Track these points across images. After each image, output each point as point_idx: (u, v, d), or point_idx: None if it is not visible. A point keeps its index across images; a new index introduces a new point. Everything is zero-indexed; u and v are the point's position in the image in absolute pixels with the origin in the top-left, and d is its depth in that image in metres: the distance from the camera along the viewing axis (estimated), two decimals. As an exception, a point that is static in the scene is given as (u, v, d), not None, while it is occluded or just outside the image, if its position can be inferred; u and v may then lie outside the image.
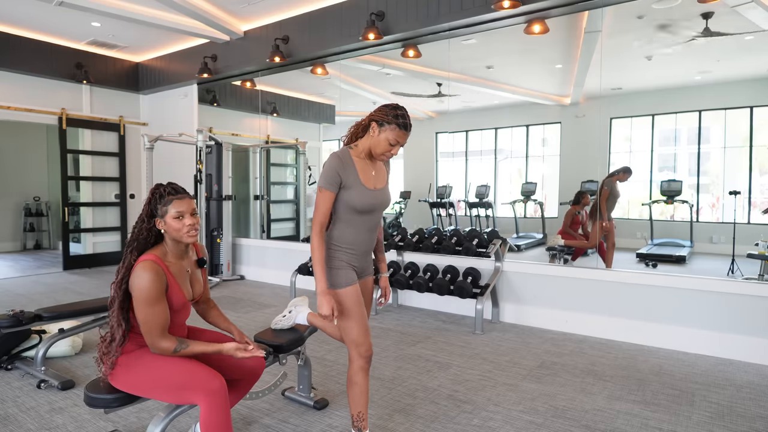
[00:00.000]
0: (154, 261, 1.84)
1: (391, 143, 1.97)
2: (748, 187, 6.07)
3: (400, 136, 1.97)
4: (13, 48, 6.36)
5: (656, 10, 4.50)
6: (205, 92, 7.14)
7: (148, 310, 1.79)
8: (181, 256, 1.97)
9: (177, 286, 1.91)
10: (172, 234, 1.90)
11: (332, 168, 1.97)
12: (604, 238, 4.92)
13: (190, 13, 5.34)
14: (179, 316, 1.97)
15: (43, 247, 9.59)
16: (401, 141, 1.98)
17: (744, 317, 3.43)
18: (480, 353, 3.57)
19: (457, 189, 7.34)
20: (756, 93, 5.98)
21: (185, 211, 1.89)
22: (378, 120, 1.98)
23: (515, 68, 6.45)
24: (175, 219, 1.88)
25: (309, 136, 7.47)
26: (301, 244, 6.06)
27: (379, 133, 1.98)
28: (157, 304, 1.81)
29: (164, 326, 1.83)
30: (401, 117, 1.96)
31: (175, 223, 1.88)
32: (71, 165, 7.35)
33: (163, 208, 1.88)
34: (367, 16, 4.83)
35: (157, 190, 1.91)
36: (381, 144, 1.98)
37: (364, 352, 2.05)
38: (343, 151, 2.03)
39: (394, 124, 1.95)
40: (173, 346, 1.83)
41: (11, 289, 5.82)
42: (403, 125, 1.97)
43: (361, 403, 2.07)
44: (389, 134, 1.96)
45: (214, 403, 1.78)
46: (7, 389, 2.93)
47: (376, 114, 2.00)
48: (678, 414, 2.61)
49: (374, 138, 1.99)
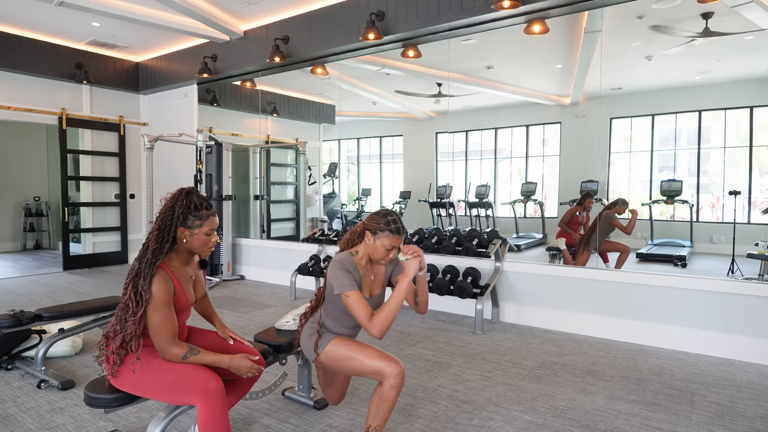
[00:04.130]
0: (163, 269, 1.85)
1: (387, 248, 2.05)
2: (748, 187, 6.07)
3: (394, 241, 2.04)
4: (13, 48, 6.36)
5: (656, 10, 4.50)
6: (205, 92, 7.14)
7: (159, 315, 1.80)
8: (187, 262, 1.98)
9: (182, 290, 1.92)
10: (194, 247, 1.91)
11: (345, 270, 2.03)
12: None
13: (190, 13, 5.34)
14: (181, 318, 1.98)
15: (43, 247, 9.59)
16: (396, 245, 2.05)
17: (744, 317, 3.43)
18: (480, 353, 3.57)
19: (457, 189, 7.34)
20: (756, 93, 5.97)
21: (214, 227, 1.92)
22: (371, 229, 2.07)
23: (515, 68, 6.45)
24: (206, 236, 1.90)
25: (309, 136, 7.47)
26: (301, 244, 6.06)
27: (375, 240, 2.06)
28: (167, 309, 1.82)
29: (174, 332, 1.84)
30: (392, 223, 2.05)
31: (203, 239, 1.90)
32: (71, 165, 7.34)
33: (195, 221, 1.88)
34: (367, 16, 4.84)
35: (190, 201, 1.88)
36: (378, 250, 2.07)
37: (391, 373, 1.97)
38: (347, 259, 2.10)
39: (387, 230, 2.04)
40: (183, 353, 1.83)
41: (11, 289, 5.82)
42: (396, 230, 2.04)
43: (385, 417, 2.04)
44: (384, 241, 2.04)
45: (211, 404, 1.78)
46: (7, 389, 2.93)
47: (368, 223, 2.09)
48: (678, 414, 2.61)
49: (371, 246, 2.08)
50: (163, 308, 1.80)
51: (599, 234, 4.84)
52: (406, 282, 1.95)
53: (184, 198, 1.89)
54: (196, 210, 1.88)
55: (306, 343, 2.21)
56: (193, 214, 1.87)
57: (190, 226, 1.87)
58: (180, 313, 1.95)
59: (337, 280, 2.01)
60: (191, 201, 1.88)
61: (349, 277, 2.01)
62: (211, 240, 1.92)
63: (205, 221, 1.89)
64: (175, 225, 1.86)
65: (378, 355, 2.02)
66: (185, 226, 1.87)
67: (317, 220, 7.51)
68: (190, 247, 1.91)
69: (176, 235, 1.88)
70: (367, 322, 1.94)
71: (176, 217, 1.86)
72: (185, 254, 1.95)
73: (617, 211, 5.07)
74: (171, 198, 1.91)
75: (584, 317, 4.04)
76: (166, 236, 1.86)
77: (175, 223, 1.86)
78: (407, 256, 1.95)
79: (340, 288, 1.99)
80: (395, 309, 1.94)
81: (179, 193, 1.91)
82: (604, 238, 4.92)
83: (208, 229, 1.90)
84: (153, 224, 1.91)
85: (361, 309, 1.96)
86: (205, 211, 1.90)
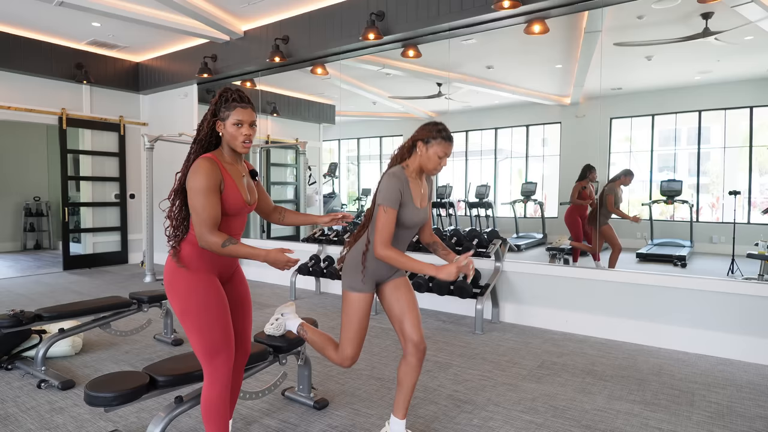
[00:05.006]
0: (211, 158, 1.87)
1: (440, 156, 2.09)
2: (748, 187, 6.07)
3: (447, 148, 2.09)
4: (13, 48, 6.36)
5: (656, 10, 4.50)
6: (205, 92, 7.14)
7: (201, 200, 1.80)
8: (235, 161, 1.98)
9: (235, 186, 1.91)
10: (228, 139, 1.92)
11: (395, 187, 2.05)
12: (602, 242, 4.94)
13: (190, 13, 5.34)
14: (236, 222, 1.97)
15: (43, 247, 9.59)
16: (448, 152, 2.10)
17: (744, 317, 3.43)
18: (480, 353, 3.57)
19: (457, 189, 7.34)
20: (756, 93, 5.97)
21: (245, 121, 1.90)
22: (423, 138, 2.09)
23: (515, 68, 6.45)
24: (234, 126, 1.90)
25: (309, 136, 7.47)
26: (301, 243, 6.06)
27: (427, 150, 2.08)
28: (211, 196, 1.81)
29: (215, 220, 1.83)
30: (444, 130, 2.09)
31: (233, 130, 1.90)
32: (71, 165, 7.35)
33: (225, 112, 1.89)
34: (367, 16, 4.84)
35: (224, 93, 1.91)
36: (432, 159, 2.09)
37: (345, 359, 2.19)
38: (400, 171, 2.11)
39: (440, 138, 2.07)
40: (221, 241, 1.81)
41: (11, 289, 5.82)
42: (447, 137, 2.09)
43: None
44: (437, 148, 2.07)
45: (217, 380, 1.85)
46: (7, 389, 2.94)
47: (419, 133, 2.11)
48: (678, 414, 2.61)
49: (423, 156, 2.10)
50: (207, 193, 1.80)
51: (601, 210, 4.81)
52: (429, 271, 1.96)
53: (222, 93, 1.92)
54: (226, 101, 1.90)
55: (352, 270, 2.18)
56: (224, 105, 1.90)
57: (222, 117, 1.90)
58: (233, 216, 1.94)
59: (387, 192, 2.03)
60: (224, 94, 1.91)
61: (396, 195, 2.03)
62: (240, 132, 1.90)
63: (232, 111, 1.89)
64: (210, 116, 1.91)
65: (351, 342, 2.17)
66: (219, 118, 1.91)
67: (317, 220, 7.50)
68: (227, 140, 1.93)
69: (214, 128, 1.92)
70: (381, 243, 2.00)
71: (212, 111, 1.91)
72: (231, 153, 1.96)
73: (622, 182, 5.00)
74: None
75: (584, 317, 4.04)
76: (203, 126, 1.91)
77: (209, 115, 1.91)
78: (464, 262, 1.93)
79: (385, 200, 2.02)
80: (405, 267, 2.01)
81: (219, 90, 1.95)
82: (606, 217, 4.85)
83: (235, 120, 1.89)
84: None
85: (387, 230, 2.01)
86: (234, 102, 1.90)
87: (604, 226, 4.87)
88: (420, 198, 2.16)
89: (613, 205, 4.90)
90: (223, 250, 1.80)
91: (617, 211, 4.95)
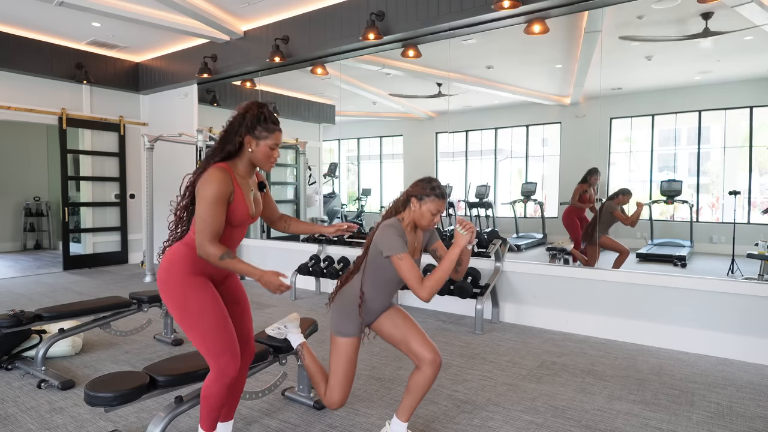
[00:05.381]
0: (226, 168, 1.87)
1: (433, 213, 2.14)
2: (748, 187, 6.06)
3: (440, 205, 2.14)
4: (13, 48, 6.36)
5: (656, 10, 4.50)
6: (205, 92, 7.14)
7: (208, 208, 1.80)
8: (249, 174, 2.00)
9: (243, 199, 1.93)
10: (257, 158, 1.94)
11: (398, 234, 2.09)
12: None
13: (190, 13, 5.34)
14: (237, 232, 1.99)
15: (43, 247, 9.59)
16: (441, 209, 2.15)
17: (744, 317, 3.43)
18: (480, 353, 3.57)
19: (457, 189, 7.34)
20: (756, 93, 5.97)
21: (278, 144, 1.95)
22: (417, 195, 2.14)
23: (515, 68, 6.44)
24: (269, 148, 1.93)
25: (309, 136, 7.46)
26: (301, 244, 6.06)
27: (421, 206, 2.14)
28: (218, 206, 1.82)
29: (217, 232, 1.83)
30: (437, 188, 2.14)
31: (266, 151, 1.93)
32: (71, 165, 7.34)
33: (263, 132, 1.91)
34: (367, 16, 4.84)
35: (262, 111, 1.92)
36: (425, 216, 2.15)
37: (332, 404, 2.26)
38: (396, 222, 2.15)
39: (433, 195, 2.12)
40: (220, 254, 1.81)
41: (11, 289, 5.82)
42: (441, 195, 2.14)
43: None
44: (430, 206, 2.12)
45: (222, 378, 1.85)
46: (7, 389, 2.94)
47: (413, 190, 2.16)
48: (678, 414, 2.61)
49: (417, 212, 2.15)
50: (215, 203, 1.81)
51: (600, 225, 4.82)
52: (456, 251, 2.02)
53: (257, 108, 1.92)
54: (265, 122, 1.91)
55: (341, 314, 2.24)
56: (262, 125, 1.91)
57: (257, 135, 1.91)
58: (236, 227, 1.96)
59: (390, 242, 2.06)
60: (262, 113, 1.92)
61: (401, 241, 2.06)
62: (273, 155, 1.95)
63: (271, 134, 1.92)
64: (243, 131, 1.90)
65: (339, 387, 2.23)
66: (252, 135, 1.91)
67: (317, 220, 7.51)
68: (253, 157, 1.94)
69: (243, 141, 1.91)
70: (418, 285, 2.00)
71: (245, 123, 1.89)
72: (247, 165, 1.97)
73: (620, 201, 5.02)
74: (244, 107, 1.94)
75: (584, 317, 4.04)
76: (232, 138, 1.90)
77: (243, 129, 1.90)
78: (463, 231, 2.03)
79: (393, 250, 2.04)
80: (446, 275, 2.01)
81: (252, 103, 1.94)
82: (605, 231, 4.88)
83: (273, 143, 1.93)
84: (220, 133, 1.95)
85: (414, 272, 2.03)
86: (273, 125, 1.93)
87: (604, 237, 4.89)
88: (412, 251, 2.21)
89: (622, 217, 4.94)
90: (219, 262, 1.82)
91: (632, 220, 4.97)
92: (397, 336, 2.25)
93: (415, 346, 2.20)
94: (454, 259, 2.02)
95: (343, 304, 2.23)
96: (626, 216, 4.94)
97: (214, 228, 1.81)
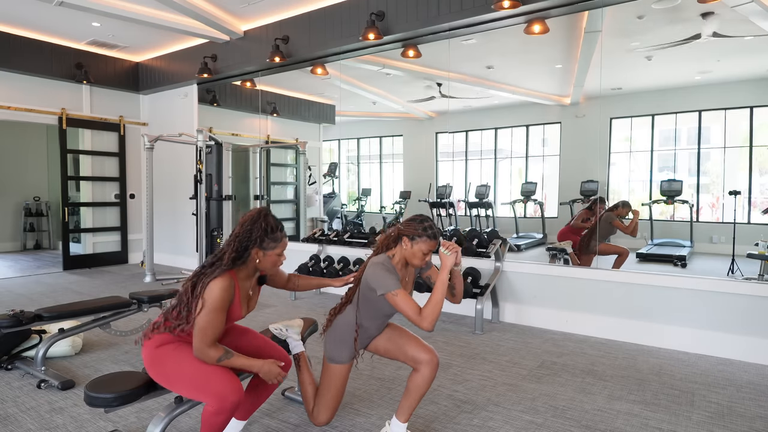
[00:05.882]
0: (232, 278, 1.92)
1: (424, 253, 2.15)
2: (748, 187, 6.06)
3: (431, 246, 2.15)
4: (13, 48, 6.36)
5: (656, 10, 4.50)
6: (205, 92, 7.14)
7: (209, 318, 1.85)
8: (250, 277, 2.06)
9: (239, 303, 1.99)
10: (265, 266, 2.01)
11: (389, 271, 2.11)
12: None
13: (190, 13, 5.34)
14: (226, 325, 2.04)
15: (43, 247, 9.59)
16: (432, 249, 2.16)
17: (744, 317, 3.43)
18: (480, 353, 3.57)
19: (457, 189, 7.34)
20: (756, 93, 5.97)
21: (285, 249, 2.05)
22: (409, 235, 2.16)
23: (515, 68, 6.44)
24: (277, 256, 2.02)
25: (309, 136, 7.46)
26: (301, 244, 6.06)
27: (412, 246, 2.16)
28: (220, 315, 1.88)
29: (216, 337, 1.90)
30: (429, 228, 2.15)
31: (274, 259, 2.01)
32: (71, 165, 7.34)
33: (271, 243, 1.99)
34: (367, 16, 4.84)
35: (267, 224, 1.98)
36: (417, 255, 2.16)
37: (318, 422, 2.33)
38: (386, 261, 2.17)
39: (425, 236, 2.14)
40: (218, 356, 1.88)
41: (11, 289, 5.82)
42: (432, 236, 2.15)
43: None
44: (422, 246, 2.14)
45: (223, 410, 1.84)
46: (7, 389, 2.93)
47: (405, 229, 2.17)
48: (678, 414, 2.61)
49: (408, 251, 2.17)
50: (216, 312, 1.86)
51: (599, 236, 4.84)
52: (445, 273, 2.05)
53: (263, 221, 1.98)
54: (272, 232, 1.98)
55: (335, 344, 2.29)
56: (269, 236, 1.98)
57: (265, 247, 1.98)
58: (228, 322, 2.01)
59: (383, 280, 2.07)
60: (268, 224, 1.98)
61: (394, 278, 2.08)
62: (281, 260, 2.04)
63: (279, 243, 2.01)
64: (251, 246, 1.95)
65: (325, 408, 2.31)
66: (261, 247, 1.97)
67: (317, 220, 7.51)
68: (260, 266, 2.01)
69: (251, 254, 1.97)
70: (416, 316, 2.01)
71: (254, 239, 1.95)
72: (252, 270, 2.04)
73: (619, 213, 5.08)
74: (249, 219, 1.99)
75: (584, 317, 4.04)
76: (241, 255, 1.95)
77: (252, 244, 1.95)
78: (447, 252, 2.07)
79: (386, 288, 2.06)
80: (441, 300, 2.03)
81: (257, 215, 2.00)
82: (603, 240, 4.92)
83: (281, 251, 2.02)
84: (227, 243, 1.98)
85: (410, 305, 2.03)
86: (280, 233, 2.01)
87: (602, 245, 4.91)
88: (404, 286, 2.23)
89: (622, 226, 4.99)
90: (218, 363, 1.88)
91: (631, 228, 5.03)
92: (392, 349, 2.29)
93: (411, 351, 2.22)
94: (445, 281, 2.05)
95: (337, 335, 2.28)
96: (625, 226, 5.00)
97: (214, 335, 1.88)
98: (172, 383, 1.92)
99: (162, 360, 1.92)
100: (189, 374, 1.88)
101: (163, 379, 1.92)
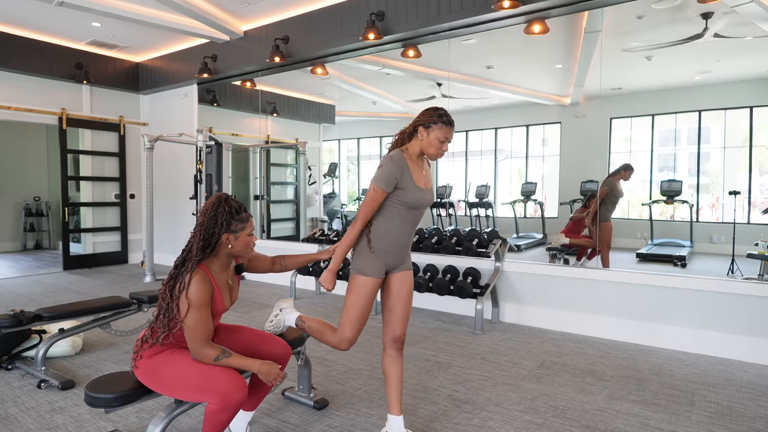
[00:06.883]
0: (205, 272, 1.90)
1: (441, 141, 2.12)
2: (748, 187, 6.07)
3: (447, 133, 2.12)
4: (13, 48, 6.36)
5: (656, 10, 4.50)
6: (205, 92, 7.14)
7: (196, 317, 1.83)
8: (226, 267, 2.02)
9: (220, 294, 1.96)
10: (238, 249, 1.98)
11: (391, 172, 2.06)
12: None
13: (190, 13, 5.34)
14: (213, 321, 2.02)
15: (43, 247, 9.59)
16: (449, 137, 2.13)
17: (744, 317, 3.43)
18: (480, 353, 3.58)
19: (457, 189, 7.34)
20: (756, 93, 5.98)
21: (253, 229, 2.03)
22: (424, 123, 2.11)
23: (515, 68, 6.44)
24: (248, 236, 1.99)
25: (309, 136, 7.47)
26: (301, 244, 6.06)
27: (428, 134, 2.11)
28: (204, 311, 1.86)
29: (209, 334, 1.88)
30: (444, 115, 2.12)
31: (246, 240, 1.98)
32: (71, 165, 7.34)
33: (239, 224, 1.95)
34: (367, 16, 4.84)
35: (230, 206, 1.95)
36: (433, 143, 2.12)
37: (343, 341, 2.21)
38: (398, 155, 2.12)
39: (440, 122, 2.10)
40: (216, 354, 1.86)
41: (11, 289, 5.82)
42: (448, 122, 2.12)
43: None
44: (438, 133, 2.10)
45: (227, 407, 1.83)
46: (7, 389, 2.94)
47: (420, 118, 2.13)
48: (678, 414, 2.61)
49: (425, 140, 2.12)
50: (200, 309, 1.84)
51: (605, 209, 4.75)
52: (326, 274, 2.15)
53: (225, 204, 1.95)
54: (237, 213, 1.95)
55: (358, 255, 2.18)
56: (236, 218, 1.95)
57: (233, 230, 1.94)
58: (214, 317, 1.99)
59: (381, 173, 2.06)
60: (231, 206, 1.95)
61: (390, 180, 2.05)
62: (252, 240, 2.01)
63: (246, 223, 1.98)
64: (218, 231, 1.92)
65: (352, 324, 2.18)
66: (229, 231, 1.94)
67: (317, 220, 7.51)
68: (233, 251, 1.97)
69: (219, 240, 1.93)
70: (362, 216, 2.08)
71: (220, 224, 1.92)
72: (225, 259, 1.99)
73: (622, 176, 4.94)
74: (211, 206, 1.95)
75: (584, 317, 4.04)
76: (210, 242, 1.91)
77: (218, 230, 1.92)
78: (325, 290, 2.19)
79: (376, 179, 2.05)
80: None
81: (218, 200, 1.96)
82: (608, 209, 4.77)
83: (250, 230, 1.99)
84: (193, 234, 1.94)
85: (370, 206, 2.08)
86: (245, 214, 1.99)
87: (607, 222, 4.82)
88: (423, 179, 2.17)
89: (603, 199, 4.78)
90: (216, 363, 1.86)
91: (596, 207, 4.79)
92: (392, 299, 2.23)
93: (395, 319, 2.22)
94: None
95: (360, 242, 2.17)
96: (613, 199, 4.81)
97: (205, 332, 1.85)
98: (172, 390, 1.89)
99: (157, 369, 1.89)
100: (189, 377, 1.86)
101: (162, 387, 1.89)
